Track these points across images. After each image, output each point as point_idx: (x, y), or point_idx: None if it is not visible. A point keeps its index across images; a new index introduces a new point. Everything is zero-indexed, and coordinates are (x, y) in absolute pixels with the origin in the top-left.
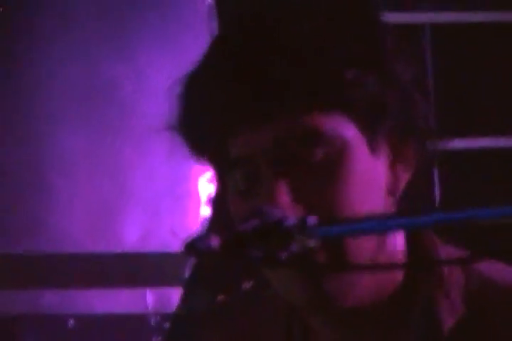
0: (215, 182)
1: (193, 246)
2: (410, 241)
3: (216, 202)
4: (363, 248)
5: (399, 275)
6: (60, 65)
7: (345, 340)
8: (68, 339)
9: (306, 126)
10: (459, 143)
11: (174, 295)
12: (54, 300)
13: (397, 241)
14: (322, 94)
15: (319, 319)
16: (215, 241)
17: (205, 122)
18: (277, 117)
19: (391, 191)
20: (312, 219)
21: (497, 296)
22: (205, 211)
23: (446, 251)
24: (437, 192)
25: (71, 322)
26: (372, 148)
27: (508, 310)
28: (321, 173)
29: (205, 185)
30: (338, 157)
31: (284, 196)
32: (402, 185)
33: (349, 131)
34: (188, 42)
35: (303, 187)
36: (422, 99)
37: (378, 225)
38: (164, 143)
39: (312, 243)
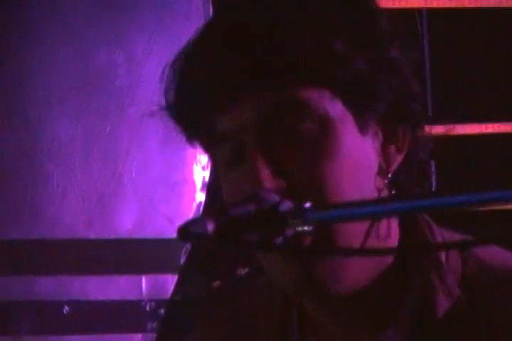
0: (210, 166)
1: (187, 231)
2: (405, 225)
3: (211, 186)
4: (353, 232)
5: (392, 260)
6: (53, 51)
7: (339, 325)
8: (63, 325)
9: (291, 97)
10: (456, 129)
11: (169, 282)
12: (49, 287)
13: (391, 224)
14: (308, 68)
15: (310, 304)
16: (209, 226)
17: (192, 99)
18: (262, 92)
19: (381, 172)
20: (307, 205)
21: (494, 281)
22: (200, 197)
23: (443, 235)
24: (434, 177)
25: (66, 308)
26: (360, 127)
27: (505, 295)
28: (306, 148)
29: (200, 171)
30: (322, 133)
31: (265, 170)
32: (394, 166)
33: (335, 107)
34: (182, 30)
35: (286, 161)
36: (415, 83)
37: (374, 210)
38: (159, 130)
39: (307, 228)
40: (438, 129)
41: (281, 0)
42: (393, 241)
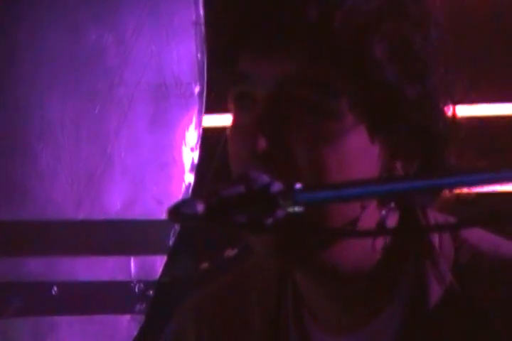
0: (199, 147)
1: (178, 212)
2: (399, 207)
3: (200, 167)
4: (345, 213)
5: (387, 242)
6: (42, 31)
7: (333, 308)
8: (52, 306)
9: (317, 76)
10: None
11: (158, 263)
12: (37, 268)
13: (388, 208)
14: (347, 63)
15: (307, 286)
16: (199, 207)
17: (219, 38)
18: (290, 53)
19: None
20: (298, 185)
21: (486, 268)
22: (189, 179)
23: (436, 218)
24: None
25: (55, 289)
26: (371, 135)
27: (496, 281)
28: (311, 131)
29: (189, 152)
30: (332, 122)
31: (263, 142)
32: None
33: (355, 108)
34: (173, 11)
35: (288, 137)
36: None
37: (364, 191)
38: (148, 111)
39: (298, 209)
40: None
41: None
42: (391, 223)
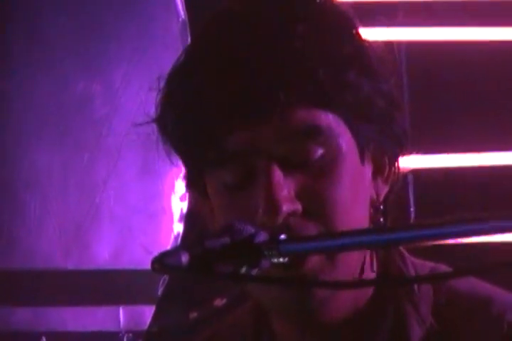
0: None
1: (162, 262)
2: (379, 256)
3: (188, 217)
4: (351, 264)
5: (370, 289)
6: (31, 81)
7: None
8: None
9: (306, 121)
10: (433, 161)
11: (147, 313)
12: (26, 317)
13: (368, 257)
14: (324, 95)
15: (291, 334)
16: (184, 257)
17: (199, 118)
18: (277, 114)
19: (374, 203)
20: (282, 236)
21: (464, 308)
22: (178, 228)
23: (414, 264)
24: (412, 208)
25: (44, 339)
26: (361, 157)
27: (474, 321)
28: (317, 174)
29: (178, 202)
30: (334, 160)
31: (282, 192)
32: (381, 198)
33: (345, 136)
34: (161, 59)
35: (300, 186)
36: (399, 115)
37: (347, 242)
38: (137, 160)
39: (282, 259)
40: (416, 161)
41: (292, 27)
42: (370, 272)
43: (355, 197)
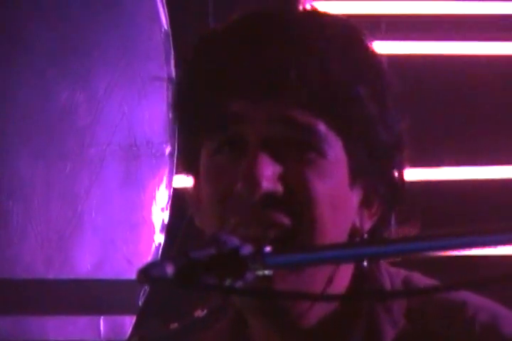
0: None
1: (147, 273)
2: (355, 267)
3: (171, 228)
4: (318, 277)
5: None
6: (15, 90)
7: None
8: None
9: (307, 120)
10: (416, 175)
11: (128, 323)
12: (7, 327)
13: (345, 269)
14: (332, 104)
15: (276, 333)
16: (169, 269)
17: (212, 81)
18: (278, 98)
19: (355, 229)
20: (267, 249)
21: (437, 310)
22: (159, 239)
23: (389, 271)
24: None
25: None
26: (352, 181)
27: (447, 324)
28: (305, 166)
29: (159, 213)
30: (323, 158)
31: (269, 169)
32: (364, 230)
33: (338, 151)
34: (143, 69)
35: (285, 171)
36: (400, 156)
37: (331, 255)
38: (119, 171)
39: (267, 272)
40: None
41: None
42: (346, 283)
43: (334, 205)
